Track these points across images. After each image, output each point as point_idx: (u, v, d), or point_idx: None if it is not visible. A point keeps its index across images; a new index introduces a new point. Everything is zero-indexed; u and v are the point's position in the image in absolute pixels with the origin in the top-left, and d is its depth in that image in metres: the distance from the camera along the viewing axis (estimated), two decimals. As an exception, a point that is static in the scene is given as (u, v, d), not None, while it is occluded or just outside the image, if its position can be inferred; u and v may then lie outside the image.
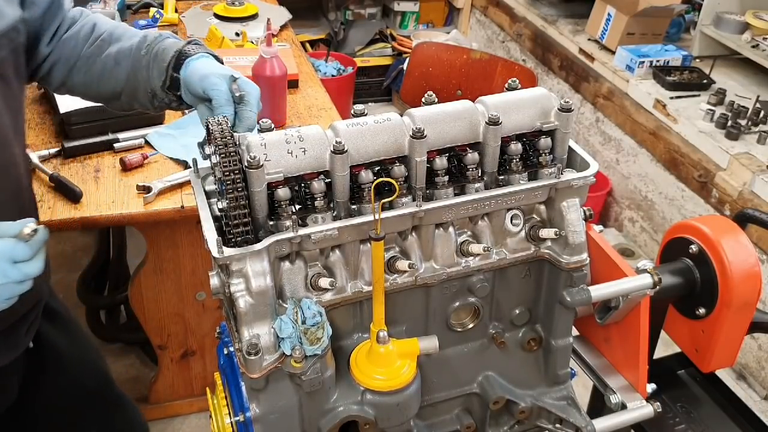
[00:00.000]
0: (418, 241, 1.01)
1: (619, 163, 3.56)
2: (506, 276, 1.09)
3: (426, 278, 1.02)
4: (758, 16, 3.33)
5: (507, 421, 1.16)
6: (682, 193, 3.14)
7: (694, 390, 1.39)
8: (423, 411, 1.11)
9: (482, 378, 1.14)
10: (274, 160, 0.92)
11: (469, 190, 1.02)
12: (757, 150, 2.87)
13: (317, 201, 0.95)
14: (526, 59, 4.32)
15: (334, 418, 0.99)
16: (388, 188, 0.98)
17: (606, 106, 3.57)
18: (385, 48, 4.86)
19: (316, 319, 0.92)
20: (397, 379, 0.96)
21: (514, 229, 1.06)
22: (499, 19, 4.61)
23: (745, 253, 1.21)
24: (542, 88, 1.10)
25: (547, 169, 1.05)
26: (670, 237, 1.32)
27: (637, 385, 1.19)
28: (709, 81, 3.30)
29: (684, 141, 3.09)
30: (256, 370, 0.92)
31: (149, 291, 2.29)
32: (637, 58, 3.39)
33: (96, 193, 2.04)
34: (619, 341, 1.22)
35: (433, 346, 0.97)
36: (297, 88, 2.65)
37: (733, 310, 1.22)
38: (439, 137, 0.99)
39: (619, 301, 1.13)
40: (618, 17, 3.58)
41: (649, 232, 3.43)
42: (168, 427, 2.59)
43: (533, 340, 1.15)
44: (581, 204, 1.06)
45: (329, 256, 0.98)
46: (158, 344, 2.43)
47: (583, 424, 1.13)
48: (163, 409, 2.58)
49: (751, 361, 2.87)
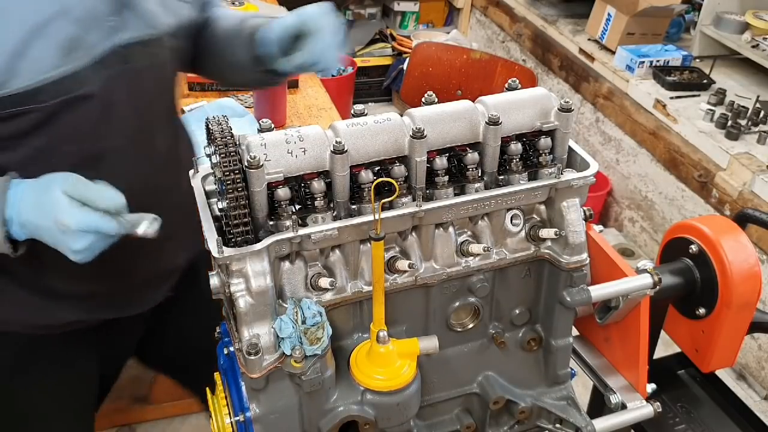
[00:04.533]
0: (418, 241, 1.01)
1: (619, 163, 3.56)
2: (506, 276, 1.09)
3: (426, 278, 1.02)
4: (758, 16, 3.33)
5: (507, 421, 1.16)
6: (682, 193, 3.14)
7: (694, 390, 1.39)
8: (423, 411, 1.11)
9: (482, 378, 1.14)
10: (274, 160, 0.92)
11: (469, 190, 1.02)
12: (757, 150, 2.87)
13: (317, 201, 0.95)
14: (526, 59, 4.32)
15: (334, 418, 0.99)
16: (388, 188, 0.98)
17: (606, 106, 3.57)
18: (385, 48, 4.86)
19: (316, 319, 0.92)
20: (397, 379, 0.96)
21: (514, 229, 1.06)
22: (499, 19, 4.61)
23: (745, 253, 1.21)
24: (542, 88, 1.10)
25: (547, 169, 1.05)
26: (670, 237, 1.32)
27: (637, 385, 1.19)
28: (709, 81, 3.31)
29: (684, 141, 3.09)
30: (256, 370, 0.92)
31: (149, 291, 2.28)
32: (637, 58, 3.39)
33: (96, 193, 2.04)
34: (619, 341, 1.22)
35: (433, 346, 0.97)
36: (297, 88, 2.65)
37: (733, 310, 1.22)
38: (439, 137, 0.99)
39: (619, 301, 1.12)
40: (618, 17, 3.58)
41: (649, 232, 3.43)
42: (168, 427, 2.59)
43: (533, 340, 1.15)
44: (581, 204, 1.06)
45: (329, 256, 0.98)
46: (158, 344, 2.42)
47: (583, 424, 1.13)
48: (163, 409, 2.58)
49: (751, 361, 2.87)
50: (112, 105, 1.19)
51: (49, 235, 1.06)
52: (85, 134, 1.18)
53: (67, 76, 1.10)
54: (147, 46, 1.20)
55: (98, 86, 1.15)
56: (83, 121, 1.16)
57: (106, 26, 1.13)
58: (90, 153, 1.21)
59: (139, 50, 1.19)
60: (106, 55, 1.14)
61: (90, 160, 1.21)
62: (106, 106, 1.18)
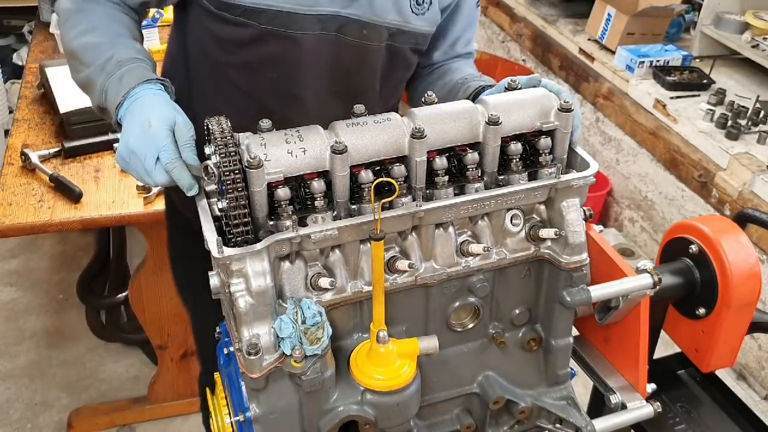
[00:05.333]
0: (418, 241, 1.01)
1: (619, 163, 3.56)
2: (506, 276, 1.09)
3: (426, 278, 1.02)
4: (758, 16, 3.33)
5: (507, 421, 1.16)
6: (682, 193, 3.14)
7: (694, 390, 1.38)
8: (423, 411, 1.11)
9: (482, 378, 1.14)
10: (274, 160, 0.92)
11: (469, 190, 1.02)
12: (757, 150, 2.86)
13: (317, 201, 0.95)
14: (526, 59, 4.32)
15: (334, 418, 0.99)
16: (388, 188, 0.98)
17: (606, 106, 3.57)
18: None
19: (316, 319, 0.92)
20: (397, 379, 0.96)
21: (514, 229, 1.06)
22: (499, 19, 4.61)
23: (745, 253, 1.21)
24: (542, 88, 1.10)
25: (547, 169, 1.05)
26: (670, 237, 1.32)
27: (637, 385, 1.19)
28: (709, 81, 3.30)
29: (684, 141, 3.09)
30: (256, 370, 0.92)
31: (149, 291, 2.29)
32: (637, 58, 3.39)
33: (96, 193, 2.04)
34: (619, 341, 1.22)
35: (433, 346, 0.97)
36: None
37: (733, 310, 1.22)
38: (439, 137, 0.99)
39: (619, 301, 1.12)
40: (618, 17, 3.57)
41: (649, 232, 3.43)
42: (168, 427, 2.59)
43: (533, 340, 1.14)
44: (581, 204, 1.06)
45: (329, 256, 0.98)
46: (158, 344, 2.43)
47: (583, 424, 1.13)
48: (163, 409, 2.58)
49: (751, 361, 2.87)
50: (312, 58, 1.33)
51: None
52: (284, 71, 1.34)
53: (284, 13, 1.27)
54: (363, 27, 1.32)
55: (307, 36, 1.30)
56: (284, 58, 1.32)
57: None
58: (287, 90, 1.35)
59: (355, 27, 1.31)
60: (327, 17, 1.29)
61: (286, 96, 1.35)
62: (307, 55, 1.32)
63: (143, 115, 1.12)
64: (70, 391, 2.71)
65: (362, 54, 1.36)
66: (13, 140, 2.27)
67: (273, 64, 1.34)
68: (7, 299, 3.13)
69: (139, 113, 1.13)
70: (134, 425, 2.59)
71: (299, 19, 1.28)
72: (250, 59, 1.34)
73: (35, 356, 2.86)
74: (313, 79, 1.36)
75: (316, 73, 1.35)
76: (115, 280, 2.84)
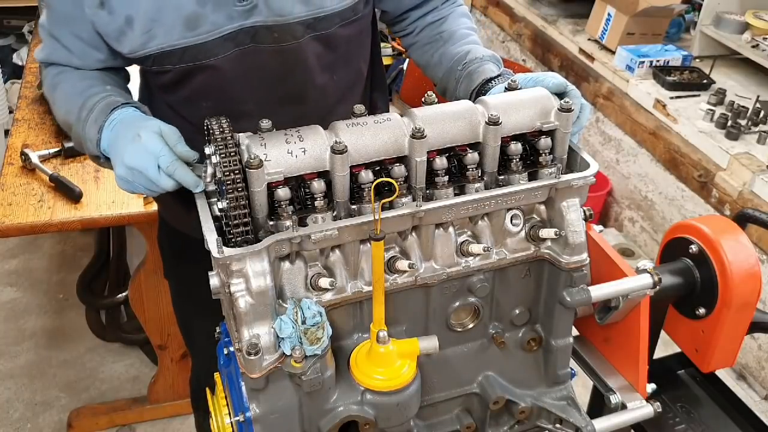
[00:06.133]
0: (418, 241, 1.01)
1: (619, 163, 3.56)
2: (506, 276, 1.09)
3: (426, 278, 1.02)
4: (758, 16, 3.33)
5: (507, 421, 1.16)
6: (682, 193, 3.14)
7: (694, 390, 1.38)
8: (423, 411, 1.11)
9: (482, 378, 1.14)
10: (274, 160, 0.92)
11: (469, 190, 1.02)
12: (757, 150, 2.86)
13: (317, 201, 0.95)
14: (526, 59, 4.32)
15: (334, 418, 0.99)
16: (388, 188, 0.98)
17: (606, 106, 3.57)
18: (385, 48, 4.86)
19: (316, 319, 0.92)
20: (397, 379, 0.96)
21: (514, 229, 1.06)
22: (499, 19, 4.61)
23: (745, 253, 1.21)
24: (542, 88, 1.10)
25: (547, 169, 1.05)
26: (670, 237, 1.32)
27: (637, 385, 1.19)
28: (709, 81, 3.30)
29: (684, 141, 3.09)
30: (256, 370, 0.92)
31: (149, 291, 2.29)
32: (637, 58, 3.39)
33: (96, 193, 2.04)
34: (619, 341, 1.22)
35: (433, 346, 0.97)
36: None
37: (733, 310, 1.22)
38: (439, 137, 0.99)
39: (619, 301, 1.12)
40: (618, 17, 3.57)
41: (649, 232, 3.43)
42: (168, 427, 2.59)
43: (533, 340, 1.14)
44: (581, 204, 1.06)
45: (329, 256, 0.98)
46: (158, 344, 2.43)
47: (583, 424, 1.13)
48: (163, 409, 2.58)
49: (751, 361, 2.87)
50: (240, 75, 1.32)
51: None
52: (218, 97, 1.35)
53: (191, 47, 1.26)
54: (272, 31, 1.29)
55: (225, 58, 1.29)
56: (213, 85, 1.33)
57: (235, 10, 1.25)
58: (230, 111, 1.33)
59: (264, 33, 1.29)
60: (233, 33, 1.27)
61: (232, 116, 1.38)
62: (234, 75, 1.32)
63: (129, 132, 1.16)
64: (70, 391, 2.72)
65: (286, 55, 1.33)
66: (13, 140, 2.27)
67: (205, 94, 1.35)
68: (7, 299, 3.14)
69: (124, 132, 1.17)
70: (134, 425, 2.60)
71: (207, 47, 1.27)
72: (187, 95, 1.36)
73: (35, 356, 2.86)
74: (250, 93, 1.35)
75: (250, 87, 1.34)
76: (115, 280, 2.84)
